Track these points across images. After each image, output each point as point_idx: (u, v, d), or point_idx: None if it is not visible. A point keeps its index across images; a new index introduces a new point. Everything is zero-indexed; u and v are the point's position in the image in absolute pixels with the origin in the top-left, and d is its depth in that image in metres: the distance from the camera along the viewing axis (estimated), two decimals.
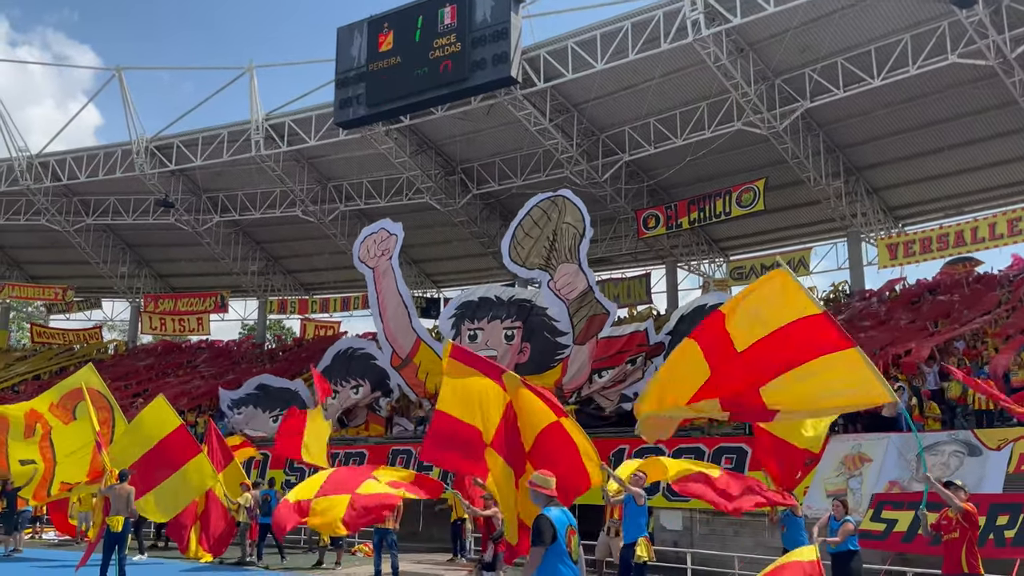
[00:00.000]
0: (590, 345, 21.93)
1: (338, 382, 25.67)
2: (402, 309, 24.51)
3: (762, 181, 26.05)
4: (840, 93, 23.14)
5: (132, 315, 41.06)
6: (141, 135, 31.61)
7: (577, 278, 22.34)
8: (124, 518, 12.43)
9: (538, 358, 22.46)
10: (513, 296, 23.51)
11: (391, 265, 24.64)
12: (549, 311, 22.43)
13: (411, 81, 25.27)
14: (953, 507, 8.19)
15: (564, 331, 22.22)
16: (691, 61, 23.78)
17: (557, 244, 22.65)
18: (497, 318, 23.33)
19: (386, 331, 24.84)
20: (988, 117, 24.15)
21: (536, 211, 23.10)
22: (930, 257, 25.63)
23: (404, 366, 24.63)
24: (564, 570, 5.57)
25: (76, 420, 16.15)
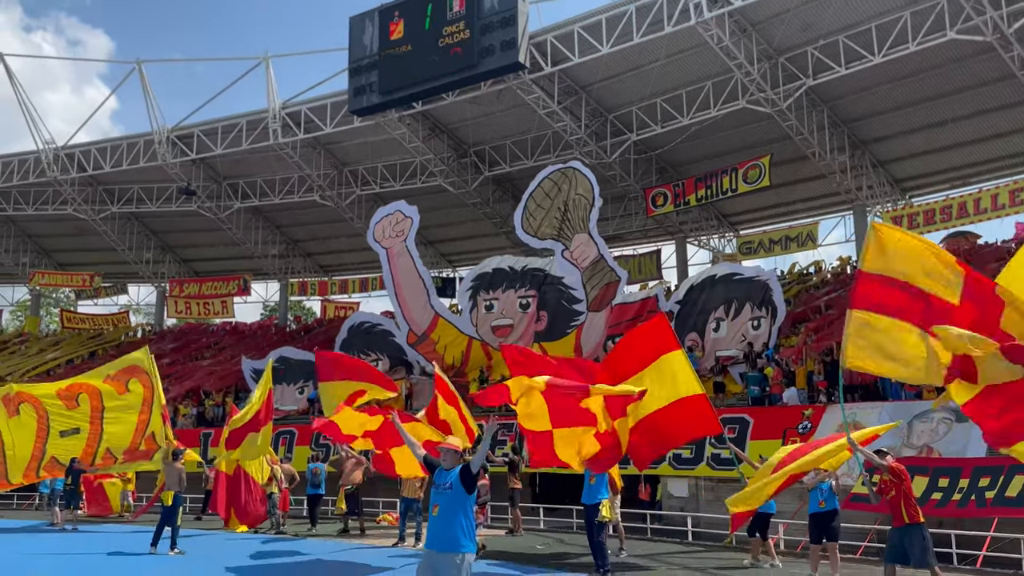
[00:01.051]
0: (605, 312, 22.78)
1: (356, 355, 26.67)
2: (420, 288, 25.40)
3: (767, 158, 26.59)
4: (842, 70, 23.58)
5: (158, 299, 42.29)
6: (162, 125, 32.52)
7: (589, 247, 23.21)
8: (175, 493, 13.53)
9: (554, 325, 23.42)
10: (526, 266, 24.37)
11: (406, 247, 25.50)
12: (565, 280, 23.32)
13: (422, 68, 25.93)
14: (883, 470, 9.04)
15: (579, 299, 23.15)
16: (695, 42, 24.27)
17: (570, 215, 23.47)
18: (512, 288, 24.27)
19: (403, 310, 25.76)
20: (989, 90, 24.48)
21: (547, 183, 23.92)
22: (934, 229, 26.11)
23: (421, 342, 25.56)
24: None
25: (129, 392, 17.24)
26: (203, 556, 13.37)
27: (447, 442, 6.81)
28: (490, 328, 24.70)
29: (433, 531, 6.32)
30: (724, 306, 21.02)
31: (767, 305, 20.45)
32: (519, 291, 24.32)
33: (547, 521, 19.00)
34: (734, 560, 12.87)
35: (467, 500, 6.34)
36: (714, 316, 21.20)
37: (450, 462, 6.57)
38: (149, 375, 17.33)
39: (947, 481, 12.49)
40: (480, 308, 24.69)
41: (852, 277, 26.67)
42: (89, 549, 14.46)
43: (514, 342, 24.20)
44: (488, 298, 24.64)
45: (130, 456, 17.66)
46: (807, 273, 29.42)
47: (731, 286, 21.27)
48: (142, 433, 17.42)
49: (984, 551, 11.97)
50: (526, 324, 24.07)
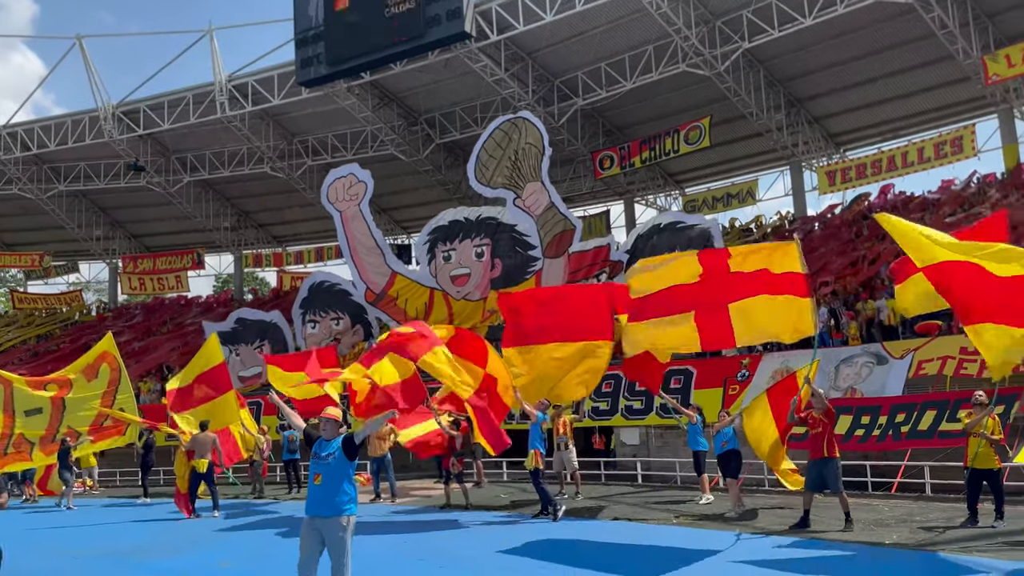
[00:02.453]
0: (563, 260, 23.70)
1: (317, 312, 27.26)
2: (375, 250, 26.01)
3: (707, 119, 27.61)
4: (775, 33, 24.57)
5: (111, 276, 42.08)
6: (107, 102, 32.25)
7: (541, 194, 23.98)
8: (208, 460, 14.39)
9: (510, 272, 24.26)
10: (480, 215, 25.05)
11: (360, 210, 25.98)
12: (518, 227, 24.10)
13: (369, 39, 26.19)
14: (821, 406, 10.17)
15: (534, 244, 23.99)
16: (634, 8, 24.98)
17: (520, 164, 24.23)
18: (468, 237, 24.98)
19: (360, 271, 26.38)
20: (913, 47, 25.73)
21: (498, 133, 24.60)
22: (866, 182, 27.52)
23: (380, 300, 26.19)
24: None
25: (98, 378, 17.67)
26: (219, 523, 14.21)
27: (327, 412, 6.79)
28: (449, 278, 25.47)
29: (316, 498, 6.42)
30: (668, 253, 21.97)
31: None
32: (474, 240, 25.01)
33: (509, 473, 20.11)
34: (678, 497, 14.07)
35: (349, 468, 6.52)
36: None
37: (331, 432, 6.64)
38: (116, 358, 17.80)
39: (868, 419, 13.76)
40: (438, 259, 25.37)
41: (790, 231, 28.02)
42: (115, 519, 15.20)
43: (471, 289, 25.09)
44: (446, 249, 25.31)
45: (98, 433, 18.12)
46: (748, 229, 30.70)
47: (675, 234, 22.25)
48: (108, 408, 17.89)
49: (899, 478, 13.32)
50: (482, 272, 24.89)
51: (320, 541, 6.34)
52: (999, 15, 24.07)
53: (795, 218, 29.71)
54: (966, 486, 10.17)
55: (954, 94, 27.37)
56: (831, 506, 10.82)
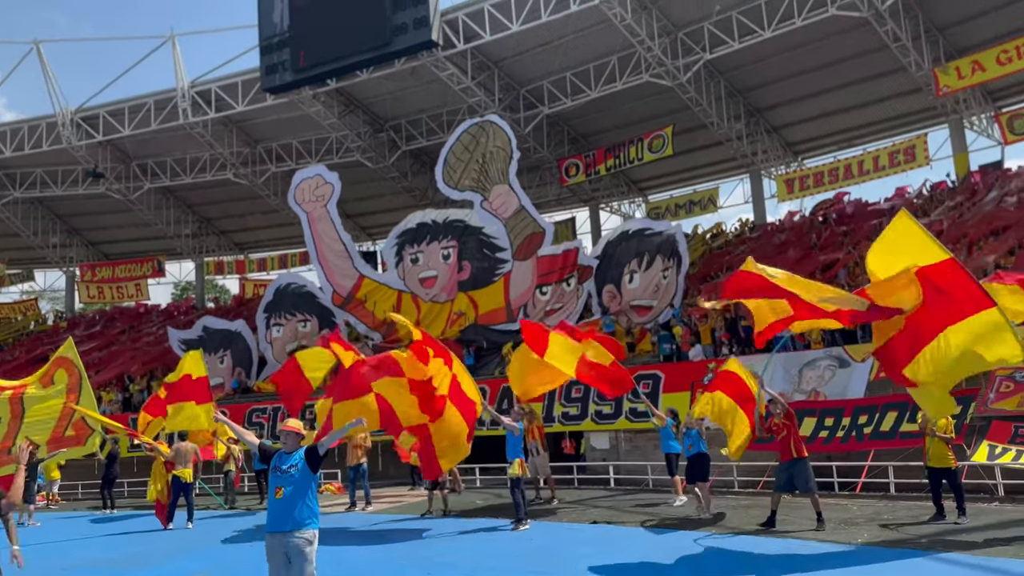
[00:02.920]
0: (532, 262, 23.98)
1: (283, 316, 27.13)
2: (342, 252, 26.06)
3: (669, 128, 28.14)
4: (736, 44, 25.16)
5: (68, 284, 41.26)
6: (65, 107, 31.71)
7: (510, 197, 24.33)
8: (190, 470, 14.35)
9: (478, 274, 24.56)
10: (448, 218, 25.31)
11: (327, 211, 26.05)
12: (485, 229, 24.41)
13: (335, 46, 26.20)
14: (782, 410, 10.56)
15: (502, 247, 24.29)
16: (599, 19, 25.37)
17: (488, 167, 24.52)
18: (435, 240, 25.21)
19: (327, 273, 26.38)
20: (868, 59, 26.46)
21: (466, 136, 24.90)
22: (823, 189, 28.26)
23: (348, 303, 26.23)
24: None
25: (53, 384, 17.32)
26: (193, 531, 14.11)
27: (287, 424, 6.67)
28: (417, 280, 25.60)
29: (277, 513, 6.26)
30: (637, 259, 22.43)
31: (674, 256, 21.97)
32: (442, 242, 25.27)
33: (483, 479, 20.28)
34: (652, 500, 14.37)
35: (312, 481, 6.41)
36: (628, 268, 22.59)
37: (292, 445, 6.53)
38: (74, 363, 17.51)
39: (832, 420, 14.22)
40: (406, 261, 25.54)
41: (751, 237, 28.67)
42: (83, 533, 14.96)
43: (439, 291, 25.25)
44: (413, 251, 25.52)
45: (55, 444, 17.81)
46: (711, 235, 31.28)
47: (643, 240, 22.70)
48: (68, 418, 17.56)
49: (863, 478, 13.79)
50: (449, 274, 25.07)
51: (286, 557, 6.20)
52: (948, 28, 24.97)
53: (755, 225, 30.36)
54: (928, 484, 10.63)
55: (906, 104, 28.25)
56: (801, 506, 11.20)
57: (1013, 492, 11.98)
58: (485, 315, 24.59)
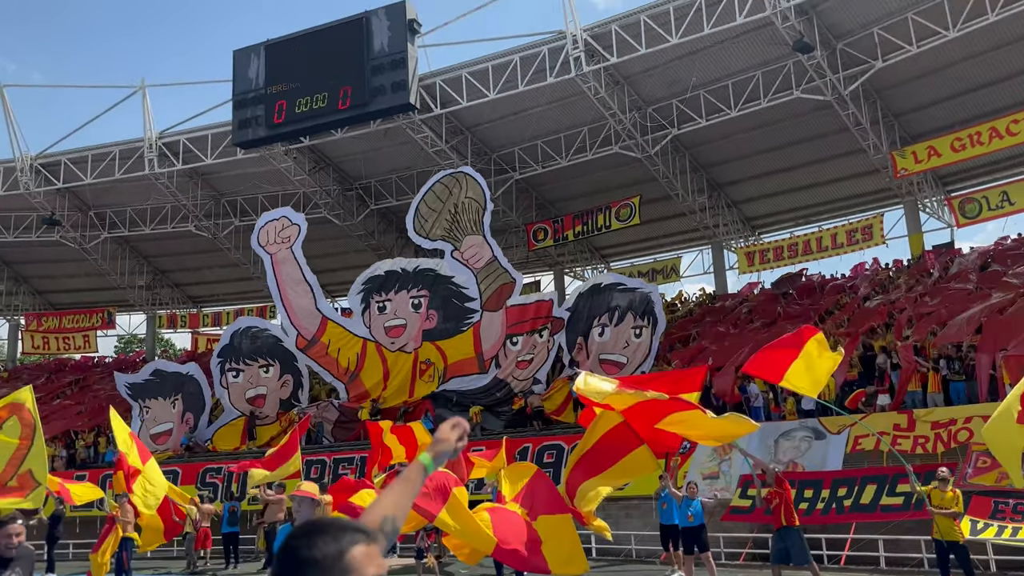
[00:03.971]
0: (502, 312, 23.94)
1: (241, 360, 26.36)
2: (307, 292, 25.70)
3: (637, 198, 28.78)
4: (703, 122, 26.06)
5: (10, 334, 39.70)
6: (25, 152, 31.02)
7: (483, 248, 24.44)
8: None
9: (447, 323, 24.44)
10: (418, 267, 25.22)
11: (292, 252, 25.75)
12: (455, 279, 24.38)
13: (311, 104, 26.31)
14: (771, 479, 10.66)
15: (472, 296, 24.26)
16: (574, 91, 26.07)
17: (460, 217, 24.64)
18: (404, 288, 25.03)
19: (290, 315, 25.93)
20: (828, 141, 27.67)
21: (439, 186, 25.05)
22: (783, 264, 29.11)
23: (311, 347, 25.73)
24: None
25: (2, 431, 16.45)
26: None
27: (302, 489, 5.89)
28: (383, 328, 25.29)
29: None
30: (608, 313, 22.68)
31: (649, 315, 22.23)
32: (411, 291, 25.14)
33: None
34: (639, 571, 14.20)
35: None
36: (599, 322, 22.78)
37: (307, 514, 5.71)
38: (31, 412, 16.77)
39: (811, 492, 14.36)
40: (373, 309, 25.25)
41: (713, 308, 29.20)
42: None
43: (408, 340, 24.95)
44: (381, 299, 25.28)
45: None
46: (674, 304, 31.77)
47: (615, 295, 22.97)
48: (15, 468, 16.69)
49: (846, 551, 13.89)
50: (419, 324, 24.87)
51: None
52: (903, 115, 26.29)
53: (716, 295, 30.98)
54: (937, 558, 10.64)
55: (862, 185, 29.48)
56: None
57: (1006, 568, 12.17)
58: (454, 365, 24.43)
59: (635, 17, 23.67)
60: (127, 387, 27.62)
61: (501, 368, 23.88)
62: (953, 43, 22.32)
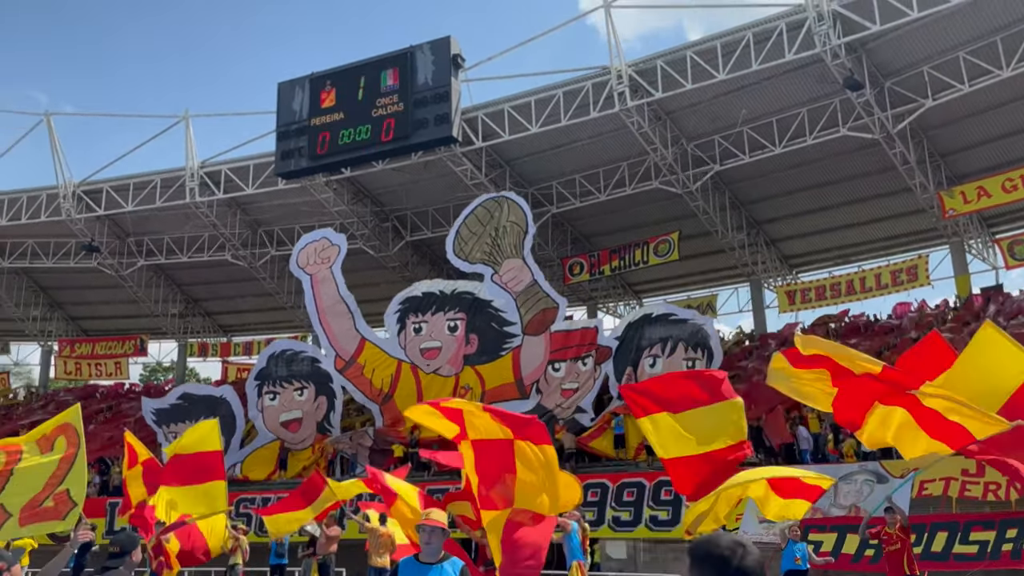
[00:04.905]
0: (544, 337, 23.60)
1: (278, 383, 26.18)
2: (345, 313, 25.56)
3: (676, 233, 28.58)
4: (746, 158, 25.92)
5: (43, 359, 39.87)
6: (69, 179, 31.38)
7: (522, 272, 24.20)
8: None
9: (486, 347, 24.09)
10: (456, 289, 24.98)
11: (331, 273, 25.69)
12: (494, 303, 24.10)
13: (355, 137, 26.46)
14: (897, 521, 10.22)
15: (512, 321, 23.94)
16: (614, 126, 26.05)
17: (500, 241, 24.47)
18: (441, 311, 24.78)
19: (328, 336, 25.77)
20: (869, 180, 27.42)
21: (480, 210, 24.95)
22: (824, 304, 28.69)
23: (348, 367, 25.52)
24: None
25: (52, 451, 16.22)
26: None
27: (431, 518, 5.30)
28: (419, 351, 25.03)
29: None
30: (660, 344, 22.30)
31: (703, 348, 21.84)
32: (448, 314, 24.89)
33: None
34: None
35: None
36: (650, 352, 22.40)
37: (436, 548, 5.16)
38: (77, 432, 16.58)
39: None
40: (409, 330, 25.02)
41: (748, 348, 28.76)
42: None
43: (442, 364, 24.62)
44: (417, 321, 25.04)
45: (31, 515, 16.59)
46: None
47: (667, 325, 22.62)
48: (52, 488, 16.37)
49: None
50: (455, 347, 24.60)
51: None
52: (950, 155, 26.03)
53: (755, 334, 30.56)
54: None
55: (904, 225, 29.12)
56: None
57: None
58: (493, 390, 24.08)
59: (681, 53, 23.68)
60: (152, 412, 27.46)
61: (543, 395, 23.54)
62: (1004, 83, 22.12)
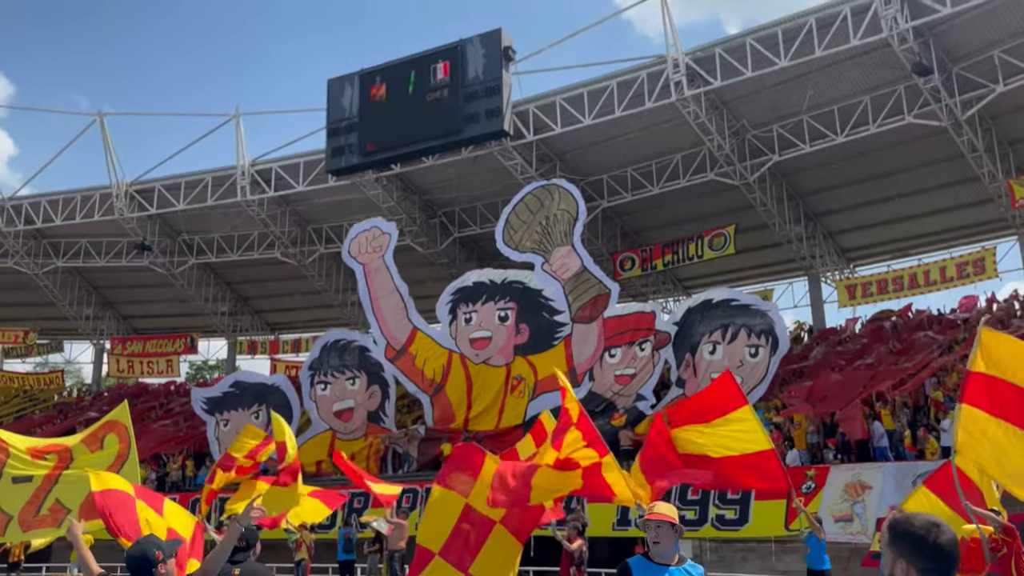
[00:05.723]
0: (597, 324, 23.19)
1: (330, 373, 26.19)
2: (398, 303, 25.47)
3: (732, 227, 27.93)
4: (806, 148, 25.20)
5: (95, 357, 40.42)
6: (121, 179, 31.69)
7: (570, 258, 23.84)
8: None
9: (537, 337, 23.79)
10: (506, 279, 24.73)
11: (384, 262, 25.60)
12: (545, 292, 23.80)
13: (405, 131, 26.29)
14: (996, 526, 9.61)
15: (560, 310, 23.60)
16: (668, 117, 25.52)
17: (550, 229, 24.13)
18: (491, 300, 24.57)
19: (380, 325, 25.69)
20: (934, 169, 26.51)
21: (530, 198, 24.67)
22: (886, 298, 27.79)
23: (399, 356, 25.42)
24: None
25: (102, 449, 16.22)
26: None
27: (657, 511, 4.68)
28: (468, 340, 24.81)
29: None
30: (721, 330, 21.75)
31: (767, 335, 21.24)
32: (498, 303, 24.68)
33: None
34: None
35: None
36: (709, 339, 21.87)
37: (668, 545, 4.57)
38: (127, 430, 16.55)
39: None
40: (460, 321, 24.90)
41: (813, 342, 28.03)
42: None
43: (492, 354, 24.36)
44: (467, 311, 24.90)
45: (88, 511, 16.61)
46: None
47: (728, 311, 22.06)
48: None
49: None
50: (505, 337, 24.34)
51: None
52: (1020, 143, 25.07)
53: (813, 329, 29.81)
54: None
55: (968, 216, 28.14)
56: None
57: None
58: (545, 380, 23.76)
59: (740, 40, 23.11)
60: (203, 401, 27.56)
61: (595, 381, 23.10)
62: None
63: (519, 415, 24.01)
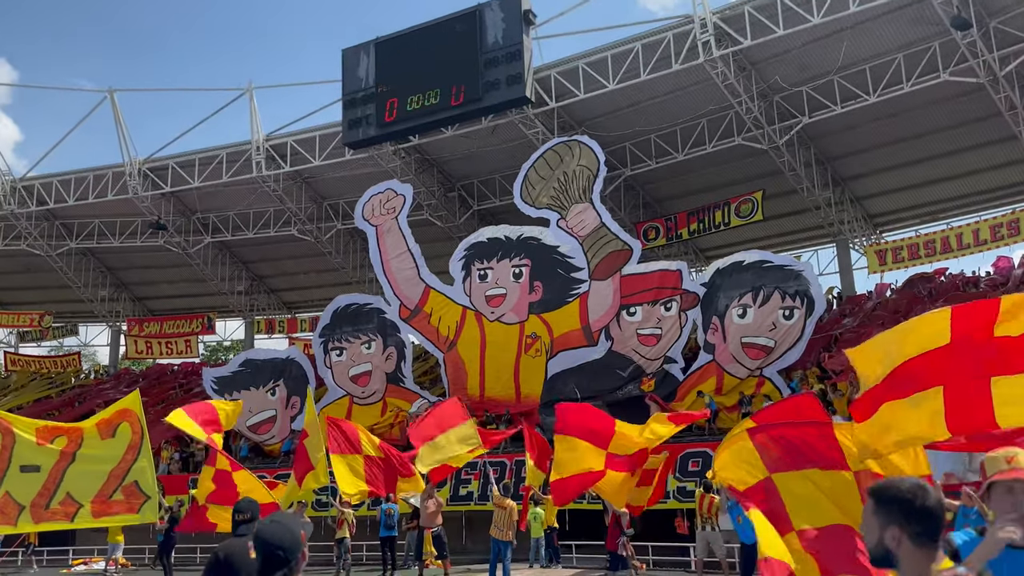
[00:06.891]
0: (613, 280, 22.67)
1: (344, 338, 25.82)
2: (409, 263, 25.06)
3: (759, 193, 27.31)
4: (838, 109, 24.51)
5: (112, 339, 40.15)
6: (134, 157, 31.18)
7: (587, 214, 23.29)
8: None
9: (552, 294, 23.33)
10: (521, 235, 24.20)
11: (397, 223, 25.12)
12: (560, 248, 23.28)
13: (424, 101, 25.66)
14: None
15: (579, 267, 23.09)
16: (696, 79, 24.84)
17: (569, 186, 23.61)
18: (507, 256, 24.08)
19: (392, 285, 25.30)
20: (969, 129, 25.80)
21: (550, 154, 24.10)
22: (918, 263, 27.18)
23: (414, 316, 25.03)
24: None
25: (114, 438, 15.82)
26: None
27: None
28: (484, 297, 24.38)
29: None
30: (752, 292, 21.15)
31: (802, 296, 20.66)
32: (513, 260, 24.17)
33: (579, 558, 18.70)
34: None
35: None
36: (740, 302, 21.30)
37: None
38: (139, 418, 16.16)
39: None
40: (474, 277, 24.43)
41: (841, 310, 27.47)
42: None
43: (507, 311, 23.90)
44: (482, 267, 24.41)
45: (103, 508, 16.21)
46: None
47: (760, 272, 21.45)
48: (118, 480, 15.99)
49: None
50: (519, 294, 23.88)
51: None
52: None
53: (842, 296, 29.23)
54: None
55: (1002, 177, 27.48)
56: None
57: None
58: (560, 338, 23.34)
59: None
60: (214, 381, 27.20)
61: (614, 341, 22.60)
62: None
63: (539, 381, 23.49)
